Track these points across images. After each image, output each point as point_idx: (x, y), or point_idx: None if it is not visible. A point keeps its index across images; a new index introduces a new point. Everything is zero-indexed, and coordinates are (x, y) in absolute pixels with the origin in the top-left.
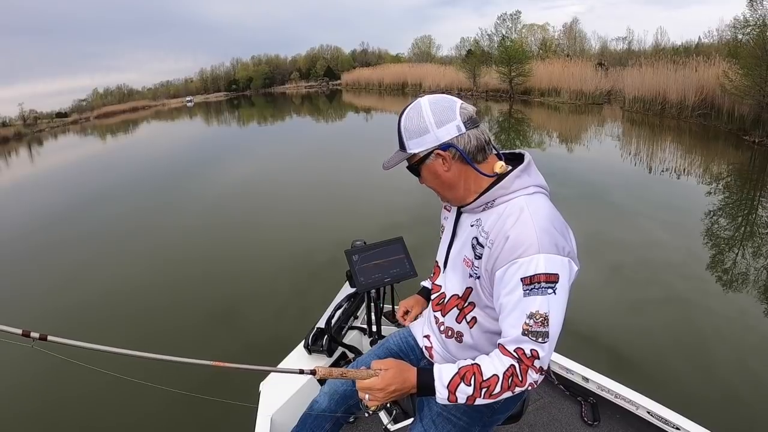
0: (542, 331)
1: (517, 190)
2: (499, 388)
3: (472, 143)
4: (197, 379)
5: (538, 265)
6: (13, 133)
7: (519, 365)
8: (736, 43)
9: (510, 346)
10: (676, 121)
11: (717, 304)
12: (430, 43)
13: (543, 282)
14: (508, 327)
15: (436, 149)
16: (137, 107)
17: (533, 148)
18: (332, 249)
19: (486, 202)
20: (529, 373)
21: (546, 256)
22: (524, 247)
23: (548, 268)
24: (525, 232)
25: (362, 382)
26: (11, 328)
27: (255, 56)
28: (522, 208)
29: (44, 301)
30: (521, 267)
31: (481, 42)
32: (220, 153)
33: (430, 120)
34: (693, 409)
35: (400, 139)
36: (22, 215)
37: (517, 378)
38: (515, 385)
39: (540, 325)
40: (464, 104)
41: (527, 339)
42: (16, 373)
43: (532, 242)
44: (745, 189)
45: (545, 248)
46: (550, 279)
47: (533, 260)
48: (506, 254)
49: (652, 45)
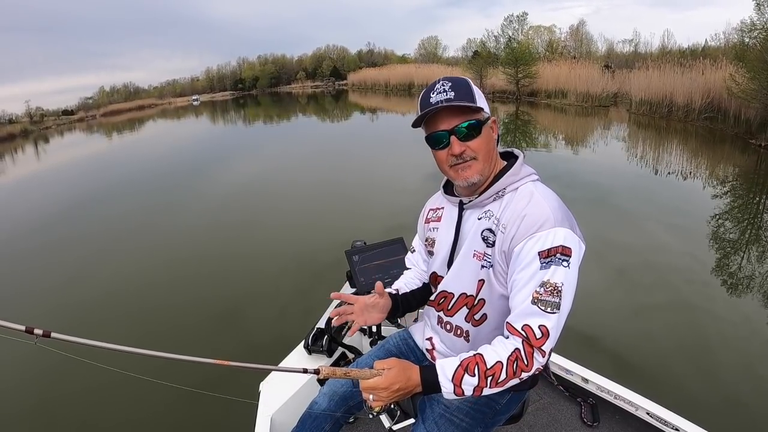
0: (552, 301)
1: (524, 177)
2: (505, 375)
3: None
4: (199, 378)
5: (556, 236)
6: (20, 130)
7: (524, 348)
8: (743, 46)
9: (518, 323)
10: (683, 124)
11: (722, 308)
12: (436, 43)
13: (560, 254)
14: (518, 302)
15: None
16: (143, 105)
17: (539, 149)
18: (336, 249)
19: (497, 191)
20: (535, 356)
21: (563, 230)
22: (542, 222)
23: (565, 241)
24: (540, 209)
25: (366, 382)
26: (15, 325)
27: (261, 56)
28: (532, 192)
29: (48, 299)
30: (539, 240)
31: (488, 43)
32: (226, 152)
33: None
34: (696, 413)
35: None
36: (29, 212)
37: (522, 362)
38: (521, 369)
39: (550, 294)
40: None
41: (536, 309)
42: (20, 369)
43: (548, 217)
44: (751, 193)
45: (561, 223)
46: (566, 252)
47: (551, 233)
48: (524, 230)
49: (659, 47)
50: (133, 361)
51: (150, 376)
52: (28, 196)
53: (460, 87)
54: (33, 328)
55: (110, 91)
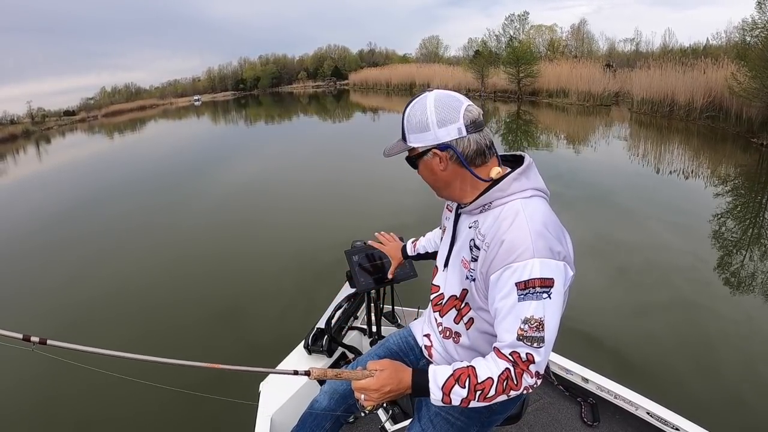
0: (537, 336)
1: (514, 193)
2: (494, 392)
3: (472, 147)
4: (197, 380)
5: (533, 269)
6: (21, 130)
7: (514, 369)
8: (744, 45)
9: (506, 350)
10: (684, 123)
11: (723, 307)
12: (437, 43)
13: (538, 287)
14: (503, 332)
15: (434, 148)
16: (145, 106)
17: (540, 149)
18: (337, 249)
19: (483, 204)
20: (524, 377)
21: (541, 261)
22: (519, 252)
23: (543, 273)
24: (520, 236)
25: (358, 383)
26: (12, 333)
27: (262, 56)
28: (518, 212)
29: (49, 298)
30: (516, 271)
31: (489, 43)
32: (227, 152)
33: (432, 118)
34: (697, 413)
35: (402, 130)
36: (30, 213)
37: (512, 381)
38: (510, 388)
39: (535, 330)
40: (470, 106)
41: (522, 344)
42: (18, 374)
43: (527, 246)
44: (752, 191)
45: (540, 252)
46: (545, 284)
47: (528, 265)
48: (501, 258)
49: (660, 46)
50: (130, 364)
51: (148, 379)
52: (30, 197)
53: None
54: (30, 336)
55: (111, 92)
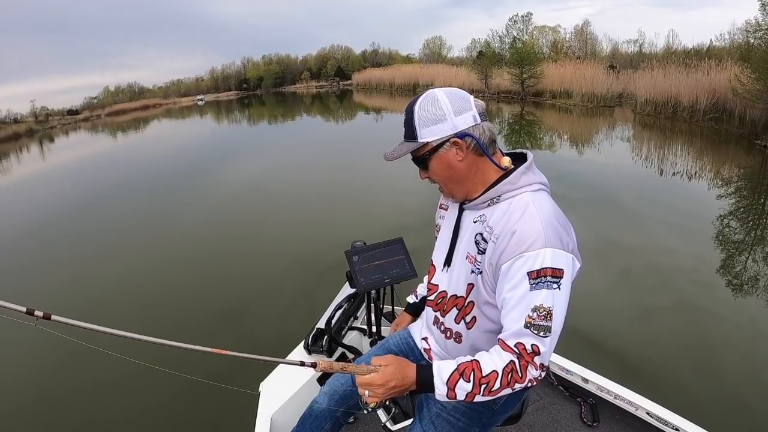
0: (545, 325)
1: (523, 186)
2: (499, 385)
3: (486, 134)
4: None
5: (545, 259)
6: (25, 129)
7: (519, 361)
8: (748, 46)
9: (510, 341)
10: (688, 125)
11: (726, 309)
12: (440, 43)
13: (549, 276)
14: (511, 321)
15: (453, 137)
16: (148, 105)
17: (543, 150)
18: (338, 249)
19: (491, 197)
20: (528, 370)
21: (553, 251)
22: (531, 241)
23: (554, 263)
24: (532, 226)
25: (362, 378)
26: (15, 306)
27: (266, 56)
28: (527, 204)
29: (52, 297)
30: (528, 261)
31: (492, 43)
32: (230, 151)
33: (447, 108)
34: (698, 414)
35: (410, 128)
36: (34, 211)
37: (517, 374)
38: (515, 381)
39: (543, 319)
40: (476, 98)
41: (529, 332)
42: (22, 352)
43: (539, 236)
44: (756, 193)
45: (552, 243)
46: (556, 274)
47: (540, 254)
48: (512, 248)
49: (664, 47)
50: (133, 348)
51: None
52: (34, 195)
53: (408, 123)
54: (34, 310)
55: (115, 91)
